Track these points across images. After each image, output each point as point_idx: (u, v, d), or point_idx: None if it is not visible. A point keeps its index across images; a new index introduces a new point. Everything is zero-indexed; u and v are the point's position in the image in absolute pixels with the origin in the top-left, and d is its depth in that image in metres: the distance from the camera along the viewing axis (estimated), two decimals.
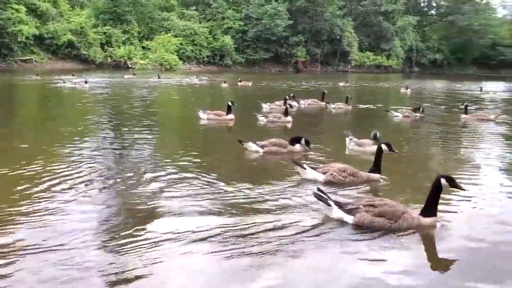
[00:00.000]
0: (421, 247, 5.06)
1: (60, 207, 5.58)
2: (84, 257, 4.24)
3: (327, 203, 5.55)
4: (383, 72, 78.40)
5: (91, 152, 8.98)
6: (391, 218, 5.32)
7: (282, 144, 9.29)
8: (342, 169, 7.35)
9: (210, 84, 35.88)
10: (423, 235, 5.27)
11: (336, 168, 7.33)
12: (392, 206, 5.49)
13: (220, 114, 13.91)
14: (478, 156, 9.82)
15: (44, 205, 5.63)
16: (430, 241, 5.15)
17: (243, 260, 4.23)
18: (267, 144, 9.23)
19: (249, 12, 75.40)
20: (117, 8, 65.42)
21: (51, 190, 6.29)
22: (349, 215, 5.44)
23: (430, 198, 5.52)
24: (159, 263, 4.18)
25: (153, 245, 4.55)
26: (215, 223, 5.16)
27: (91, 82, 30.72)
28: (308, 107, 19.13)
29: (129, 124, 13.08)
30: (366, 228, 5.25)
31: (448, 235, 5.22)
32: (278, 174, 7.65)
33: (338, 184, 7.12)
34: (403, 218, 5.34)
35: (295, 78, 50.36)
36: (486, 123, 15.30)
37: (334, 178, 7.21)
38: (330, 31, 78.75)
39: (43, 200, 5.84)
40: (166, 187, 6.63)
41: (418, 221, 5.40)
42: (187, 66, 68.23)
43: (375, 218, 5.33)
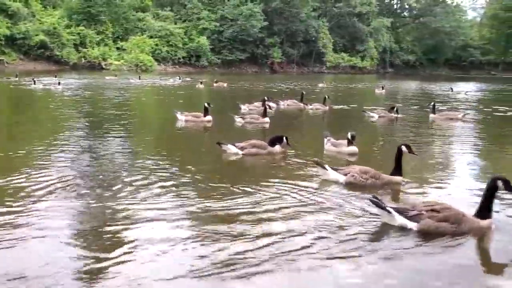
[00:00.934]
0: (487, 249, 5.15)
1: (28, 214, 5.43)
2: (56, 257, 4.23)
3: (386, 210, 5.34)
4: (358, 73, 79.35)
5: (63, 157, 8.68)
6: (453, 222, 5.24)
7: (262, 145, 9.22)
8: (364, 171, 7.21)
9: (185, 85, 35.74)
10: (484, 237, 5.28)
11: (357, 170, 7.20)
12: (451, 209, 5.38)
13: (198, 116, 13.84)
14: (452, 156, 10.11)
15: (13, 217, 5.26)
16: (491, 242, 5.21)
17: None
18: (247, 145, 9.14)
19: (224, 13, 75.47)
20: (91, 9, 64.59)
21: (18, 198, 5.90)
22: (413, 222, 5.28)
23: (485, 199, 5.39)
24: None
25: (134, 248, 4.54)
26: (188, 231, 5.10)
27: (69, 84, 30.34)
28: (287, 108, 19.26)
29: (105, 126, 12.86)
30: (431, 234, 5.12)
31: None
32: (260, 175, 7.66)
33: (359, 187, 6.96)
34: (464, 222, 5.26)
35: (271, 79, 50.58)
36: (454, 122, 15.73)
37: (356, 179, 7.07)
38: (305, 32, 79.42)
39: (10, 212, 5.38)
40: (144, 192, 6.41)
41: (477, 224, 5.32)
42: (162, 67, 67.87)
43: (441, 224, 5.21)
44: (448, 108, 19.55)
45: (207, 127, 13.44)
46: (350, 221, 5.40)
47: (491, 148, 11.70)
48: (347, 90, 35.51)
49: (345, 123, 11.06)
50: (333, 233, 5.00)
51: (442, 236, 5.09)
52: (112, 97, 23.16)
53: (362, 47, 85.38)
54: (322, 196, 6.39)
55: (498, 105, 22.49)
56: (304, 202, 6.10)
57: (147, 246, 4.57)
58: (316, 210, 5.78)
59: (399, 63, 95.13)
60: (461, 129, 14.37)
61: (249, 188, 6.62)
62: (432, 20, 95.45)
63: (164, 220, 5.28)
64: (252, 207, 5.82)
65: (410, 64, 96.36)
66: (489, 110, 20.66)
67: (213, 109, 14.12)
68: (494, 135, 13.92)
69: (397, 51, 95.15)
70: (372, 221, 5.45)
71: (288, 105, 19.51)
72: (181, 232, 4.92)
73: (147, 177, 7.11)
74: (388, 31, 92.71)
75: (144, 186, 6.63)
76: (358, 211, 5.76)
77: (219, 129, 13.21)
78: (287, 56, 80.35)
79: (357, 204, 6.03)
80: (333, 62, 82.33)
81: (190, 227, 5.10)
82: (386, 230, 5.23)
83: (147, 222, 5.21)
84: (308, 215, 5.61)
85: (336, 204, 6.02)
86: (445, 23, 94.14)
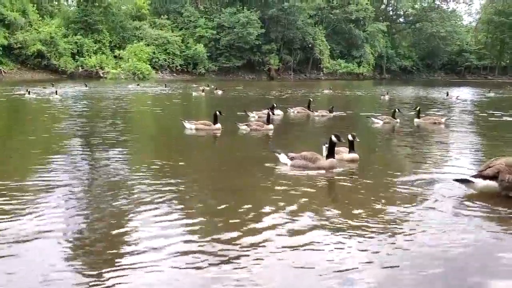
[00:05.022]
0: None
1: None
2: (51, 269, 4.28)
3: (469, 181, 6.55)
4: (354, 79, 79.59)
5: (62, 169, 8.75)
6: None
7: (312, 158, 8.51)
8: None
9: (183, 92, 35.82)
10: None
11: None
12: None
13: (208, 124, 13.78)
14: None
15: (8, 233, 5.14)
16: None
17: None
18: (296, 156, 8.63)
19: (221, 20, 75.80)
20: (88, 18, 64.81)
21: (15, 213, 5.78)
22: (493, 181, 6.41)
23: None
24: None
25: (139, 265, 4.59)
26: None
27: (67, 92, 30.33)
28: (297, 115, 19.52)
29: (108, 138, 12.85)
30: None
31: None
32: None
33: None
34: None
35: (270, 86, 50.73)
36: (438, 126, 15.99)
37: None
38: (302, 39, 79.75)
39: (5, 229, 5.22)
40: (156, 203, 6.52)
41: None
42: (160, 74, 68.10)
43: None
44: (432, 113, 19.78)
45: (216, 135, 13.44)
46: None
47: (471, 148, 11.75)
48: (351, 97, 35.64)
49: (349, 130, 11.07)
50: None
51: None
52: (112, 106, 23.17)
53: (359, 53, 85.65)
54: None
55: (490, 110, 22.72)
56: (320, 222, 6.15)
57: (150, 259, 4.61)
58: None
59: (395, 68, 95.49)
60: (444, 132, 14.60)
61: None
62: (427, 26, 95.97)
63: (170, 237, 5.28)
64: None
65: (407, 69, 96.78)
66: (478, 114, 21.04)
67: (221, 117, 14.02)
68: (476, 138, 14.04)
69: (393, 57, 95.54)
70: None
71: (298, 112, 19.79)
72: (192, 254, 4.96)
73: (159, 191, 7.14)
74: (384, 37, 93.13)
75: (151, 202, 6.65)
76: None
77: (228, 136, 13.19)
78: (284, 63, 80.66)
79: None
80: (330, 68, 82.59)
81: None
82: None
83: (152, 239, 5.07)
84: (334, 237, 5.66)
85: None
86: (441, 29, 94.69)
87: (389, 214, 5.88)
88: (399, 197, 6.70)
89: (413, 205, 6.28)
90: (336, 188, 7.47)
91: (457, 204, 6.36)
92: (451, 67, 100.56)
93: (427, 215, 5.87)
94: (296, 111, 19.93)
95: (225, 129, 13.79)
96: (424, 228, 5.37)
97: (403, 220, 5.67)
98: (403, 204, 6.29)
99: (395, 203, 6.34)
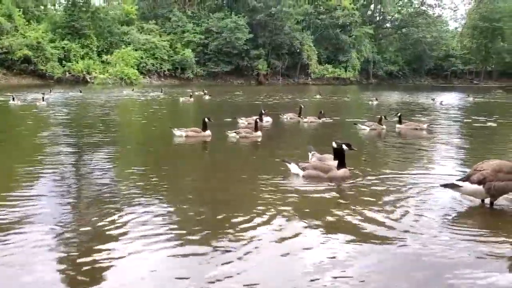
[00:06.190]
0: None
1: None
2: (37, 267, 4.30)
3: (456, 186, 6.43)
4: (341, 84, 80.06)
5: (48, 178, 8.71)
6: (509, 179, 6.24)
7: (325, 168, 8.32)
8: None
9: (172, 99, 35.75)
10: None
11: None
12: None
13: (198, 131, 13.68)
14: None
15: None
16: None
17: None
18: (308, 166, 8.39)
19: (209, 25, 75.96)
20: (75, 23, 64.44)
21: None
22: (480, 186, 6.30)
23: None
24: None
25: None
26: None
27: (54, 98, 30.09)
28: (289, 121, 19.59)
29: (95, 146, 12.85)
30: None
31: None
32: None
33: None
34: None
35: (259, 91, 50.84)
36: (419, 132, 16.18)
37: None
38: (290, 44, 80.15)
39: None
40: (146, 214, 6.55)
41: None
42: (148, 79, 67.93)
43: (508, 183, 6.23)
44: (416, 119, 19.97)
45: (206, 142, 13.42)
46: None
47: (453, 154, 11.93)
48: (338, 102, 35.79)
49: (337, 136, 11.13)
50: None
51: None
52: (102, 112, 23.02)
53: (345, 57, 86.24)
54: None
55: (474, 115, 23.03)
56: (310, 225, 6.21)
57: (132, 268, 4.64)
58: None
59: (382, 73, 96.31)
60: (427, 138, 14.78)
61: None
62: (414, 31, 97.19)
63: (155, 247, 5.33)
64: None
65: (393, 74, 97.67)
66: (462, 120, 21.39)
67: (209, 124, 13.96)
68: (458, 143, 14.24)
69: (380, 62, 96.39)
70: None
71: (291, 118, 19.87)
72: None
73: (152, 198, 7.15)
74: (371, 42, 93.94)
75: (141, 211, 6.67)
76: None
77: (220, 144, 13.16)
78: (273, 68, 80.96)
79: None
80: (318, 73, 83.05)
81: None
82: None
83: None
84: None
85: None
86: (427, 34, 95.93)
87: (378, 219, 5.96)
88: (386, 201, 6.78)
89: (400, 209, 6.37)
90: (324, 194, 7.49)
91: (446, 211, 6.47)
92: (437, 72, 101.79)
93: (415, 222, 5.96)
94: (289, 117, 20.03)
95: (215, 136, 13.78)
96: (412, 235, 5.46)
97: (391, 225, 5.75)
98: (391, 208, 6.38)
99: (383, 208, 6.43)
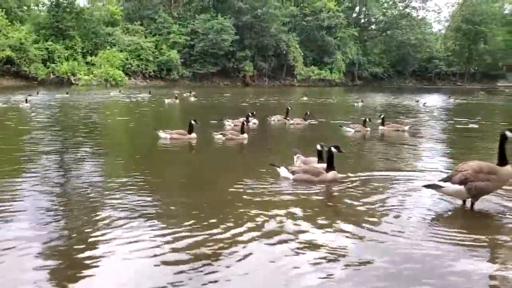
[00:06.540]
0: None
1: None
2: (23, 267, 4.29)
3: (438, 186, 6.59)
4: (327, 86, 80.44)
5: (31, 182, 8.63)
6: (488, 179, 6.41)
7: (315, 171, 8.38)
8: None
9: (159, 101, 35.57)
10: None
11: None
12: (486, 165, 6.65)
13: (183, 133, 13.68)
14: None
15: None
16: None
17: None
18: (298, 170, 8.47)
19: (195, 27, 75.73)
20: (59, 23, 63.72)
21: None
22: (462, 186, 6.45)
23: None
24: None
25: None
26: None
27: (38, 100, 29.74)
28: (277, 123, 19.64)
29: (80, 148, 12.76)
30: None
31: None
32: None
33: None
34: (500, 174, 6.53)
35: (245, 93, 50.89)
36: (401, 133, 16.41)
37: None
38: (276, 46, 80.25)
39: None
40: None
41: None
42: (133, 81, 67.54)
43: (487, 183, 6.40)
44: (400, 120, 20.18)
45: (192, 144, 13.39)
46: None
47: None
48: (324, 104, 35.96)
49: (322, 138, 11.17)
50: None
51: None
52: (87, 114, 22.82)
53: (330, 59, 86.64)
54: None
55: (457, 117, 23.38)
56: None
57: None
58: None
59: (367, 75, 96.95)
60: (409, 140, 14.99)
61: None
62: (398, 33, 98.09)
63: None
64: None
65: (378, 76, 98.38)
66: (444, 121, 21.72)
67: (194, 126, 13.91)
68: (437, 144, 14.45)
69: (365, 64, 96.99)
70: None
71: (278, 120, 19.94)
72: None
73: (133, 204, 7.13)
74: (356, 44, 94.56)
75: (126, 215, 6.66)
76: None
77: (205, 146, 13.14)
78: (259, 70, 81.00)
79: None
80: (304, 75, 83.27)
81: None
82: None
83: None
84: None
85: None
86: (411, 36, 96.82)
87: (367, 221, 6.04)
88: (372, 203, 6.87)
89: (386, 210, 6.46)
90: (313, 197, 7.55)
91: (429, 211, 6.58)
92: (422, 73, 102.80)
93: (399, 223, 6.05)
94: (277, 119, 20.10)
95: (201, 138, 13.79)
96: (397, 236, 5.55)
97: (377, 228, 5.84)
98: (377, 210, 6.47)
99: (370, 211, 6.51)
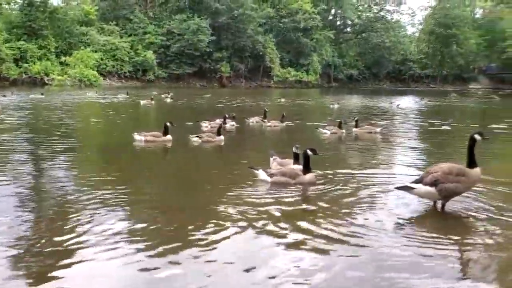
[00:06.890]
0: None
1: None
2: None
3: (410, 188, 6.65)
4: (303, 87, 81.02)
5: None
6: (457, 181, 6.50)
7: (292, 174, 8.38)
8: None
9: (133, 102, 35.24)
10: None
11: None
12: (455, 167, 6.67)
13: (158, 136, 13.50)
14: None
15: None
16: None
17: None
18: (276, 173, 8.47)
19: (171, 27, 75.39)
20: (32, 23, 62.58)
21: None
22: (432, 187, 6.49)
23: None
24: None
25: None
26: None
27: (10, 100, 29.15)
28: (255, 124, 19.62)
29: (52, 151, 12.56)
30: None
31: None
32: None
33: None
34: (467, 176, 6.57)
35: (222, 94, 50.81)
36: (373, 135, 16.72)
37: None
38: (252, 47, 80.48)
39: None
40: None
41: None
42: (108, 81, 66.78)
43: (457, 184, 6.50)
44: (374, 122, 20.43)
45: (167, 147, 13.28)
46: None
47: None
48: (301, 105, 36.12)
49: (299, 140, 11.24)
50: None
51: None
52: (59, 116, 22.46)
53: (306, 61, 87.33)
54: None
55: (430, 119, 23.85)
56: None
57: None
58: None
59: (342, 77, 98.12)
60: (381, 141, 15.28)
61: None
62: (373, 36, 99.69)
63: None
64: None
65: (353, 78, 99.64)
66: (417, 123, 22.18)
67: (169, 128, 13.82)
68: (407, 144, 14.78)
69: (341, 66, 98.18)
70: None
71: (257, 122, 19.93)
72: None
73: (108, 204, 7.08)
74: (332, 46, 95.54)
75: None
76: None
77: (180, 148, 13.08)
78: (235, 71, 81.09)
79: None
80: (280, 76, 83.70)
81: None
82: None
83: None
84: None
85: None
86: (386, 39, 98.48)
87: (343, 223, 6.15)
88: (347, 205, 7.00)
89: (360, 212, 6.59)
90: (291, 200, 7.61)
91: (399, 213, 6.73)
92: (396, 75, 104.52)
93: (371, 225, 6.16)
94: (255, 121, 20.11)
95: (176, 140, 13.68)
96: (370, 238, 5.67)
97: (353, 230, 5.96)
98: (352, 211, 6.59)
99: (346, 212, 6.63)
